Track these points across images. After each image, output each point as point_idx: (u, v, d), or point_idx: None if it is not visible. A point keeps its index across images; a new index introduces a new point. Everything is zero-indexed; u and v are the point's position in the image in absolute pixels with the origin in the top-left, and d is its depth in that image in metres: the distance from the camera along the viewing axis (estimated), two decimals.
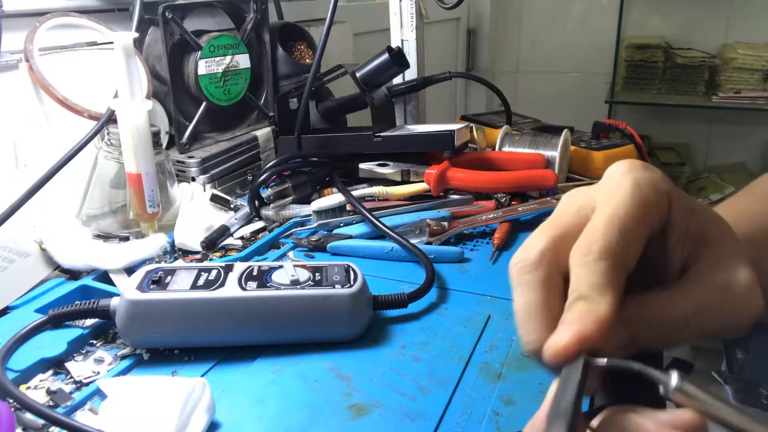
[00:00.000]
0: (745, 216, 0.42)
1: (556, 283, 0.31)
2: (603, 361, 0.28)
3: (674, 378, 0.26)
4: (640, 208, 0.30)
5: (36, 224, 0.63)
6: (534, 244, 0.32)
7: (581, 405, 0.27)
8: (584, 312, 0.28)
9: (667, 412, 0.27)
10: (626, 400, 0.29)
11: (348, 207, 0.75)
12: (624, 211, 0.30)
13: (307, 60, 1.02)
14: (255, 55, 0.93)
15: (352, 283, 0.51)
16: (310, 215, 0.76)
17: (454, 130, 0.80)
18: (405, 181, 0.81)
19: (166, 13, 0.79)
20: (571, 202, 0.33)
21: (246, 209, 0.76)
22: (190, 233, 0.69)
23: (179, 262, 0.66)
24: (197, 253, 0.68)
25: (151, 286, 0.49)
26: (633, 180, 0.31)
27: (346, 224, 0.73)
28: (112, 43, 0.61)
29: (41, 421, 0.42)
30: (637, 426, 0.27)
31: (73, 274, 0.61)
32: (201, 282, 0.50)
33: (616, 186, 0.31)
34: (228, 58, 0.87)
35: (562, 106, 2.50)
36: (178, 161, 0.82)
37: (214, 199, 0.77)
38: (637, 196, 0.30)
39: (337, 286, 0.51)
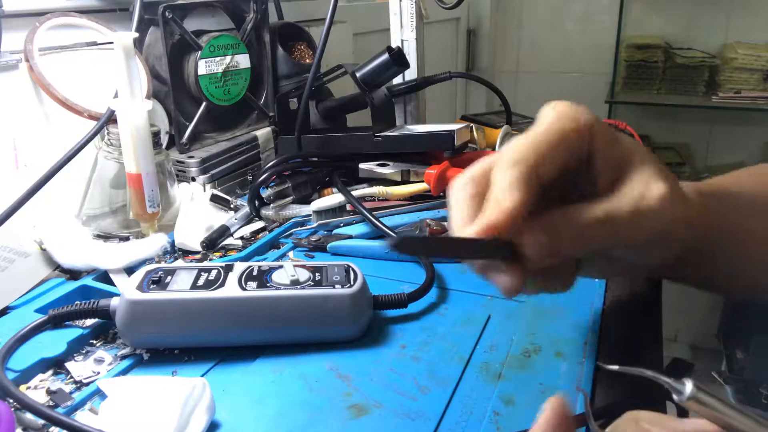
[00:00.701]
0: (733, 179, 0.50)
1: (481, 200, 0.36)
2: (615, 367, 0.29)
3: (689, 386, 0.26)
4: (555, 133, 0.36)
5: (36, 224, 0.63)
6: (466, 170, 0.38)
7: (461, 250, 0.36)
8: (492, 207, 0.34)
9: (686, 422, 0.27)
10: (628, 402, 0.29)
11: (348, 207, 0.75)
12: (539, 133, 0.36)
13: (307, 60, 1.02)
14: (255, 55, 0.93)
15: (352, 283, 0.51)
16: (310, 215, 0.76)
17: (454, 130, 0.80)
18: (405, 181, 0.81)
19: (166, 13, 0.79)
20: (507, 144, 0.39)
21: (246, 209, 0.76)
22: (190, 233, 0.69)
23: (179, 262, 0.66)
24: (197, 253, 0.68)
25: (151, 286, 0.49)
26: (555, 113, 0.37)
27: (346, 224, 0.73)
28: (112, 43, 0.61)
29: (41, 421, 0.42)
30: None
31: (73, 274, 0.61)
32: (201, 282, 0.50)
33: (540, 119, 0.37)
34: (228, 58, 0.87)
35: None
36: (178, 161, 0.82)
37: (214, 199, 0.77)
38: (554, 123, 0.36)
39: (337, 286, 0.51)
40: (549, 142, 0.35)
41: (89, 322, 0.52)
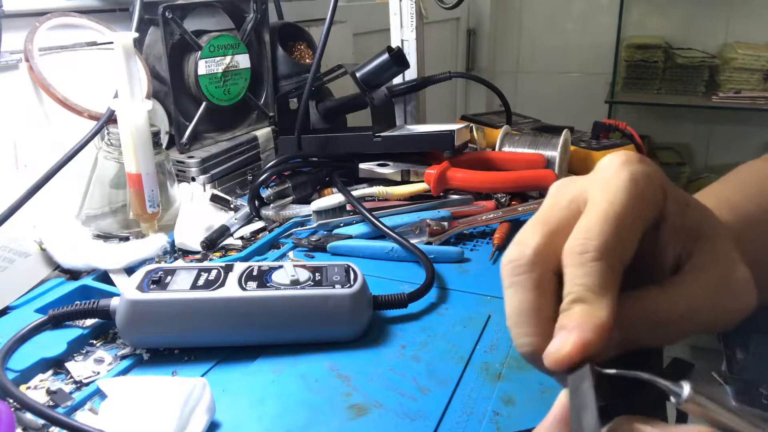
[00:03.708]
0: (728, 204, 0.41)
1: (549, 283, 0.30)
2: (612, 371, 0.28)
3: (686, 389, 0.26)
4: (636, 204, 0.29)
5: (36, 224, 0.63)
6: (527, 241, 0.30)
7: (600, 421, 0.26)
8: (584, 317, 0.27)
9: (680, 427, 0.27)
10: (626, 405, 0.29)
11: (348, 207, 0.75)
12: (620, 206, 0.29)
13: (307, 60, 1.02)
14: (255, 55, 0.93)
15: (352, 283, 0.51)
16: (310, 215, 0.76)
17: (454, 130, 0.80)
18: (405, 181, 0.81)
19: (166, 13, 0.79)
20: (561, 194, 0.32)
21: (246, 209, 0.76)
22: (190, 233, 0.69)
23: (179, 262, 0.66)
24: (197, 253, 0.68)
25: (151, 286, 0.49)
26: (629, 173, 0.29)
27: (346, 224, 0.73)
28: (112, 43, 0.61)
29: (41, 421, 0.42)
30: None
31: (73, 274, 0.61)
32: (201, 282, 0.50)
33: (611, 179, 0.30)
34: (228, 58, 0.87)
35: (562, 106, 2.50)
36: (178, 161, 0.82)
37: (214, 199, 0.77)
38: (633, 190, 0.29)
39: (337, 286, 0.51)
40: (631, 215, 0.29)
41: (89, 322, 0.52)
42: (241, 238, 0.72)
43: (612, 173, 0.30)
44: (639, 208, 0.29)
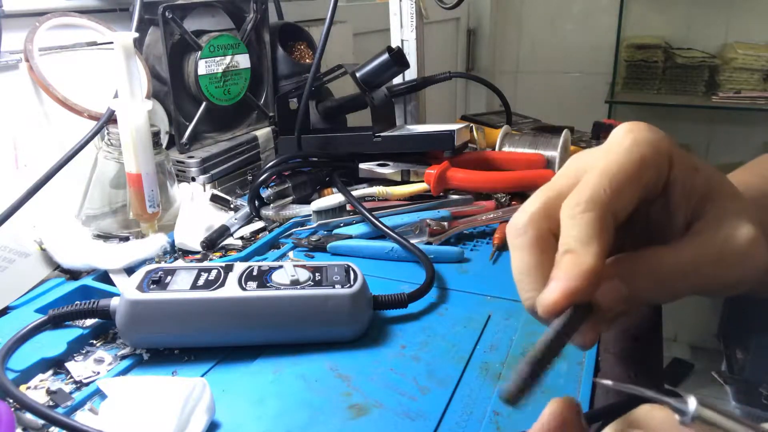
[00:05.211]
0: (745, 187, 0.42)
1: (548, 243, 0.32)
2: (608, 382, 0.29)
3: (692, 404, 0.25)
4: (634, 164, 0.31)
5: (36, 224, 0.63)
6: (526, 207, 0.33)
7: (555, 351, 0.29)
8: (570, 265, 0.29)
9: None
10: (626, 404, 0.29)
11: (348, 207, 0.75)
12: (616, 166, 0.31)
13: (307, 60, 1.02)
14: (255, 55, 0.93)
15: (352, 283, 0.51)
16: (310, 215, 0.76)
17: (454, 130, 0.80)
18: (405, 181, 0.81)
19: (166, 13, 0.79)
20: (570, 164, 0.34)
21: (246, 209, 0.76)
22: (190, 233, 0.69)
23: (179, 262, 0.66)
24: (197, 253, 0.68)
25: (151, 286, 0.49)
26: (632, 139, 0.32)
27: (346, 224, 0.73)
28: (112, 43, 0.61)
29: (41, 421, 0.42)
30: None
31: (73, 274, 0.61)
32: (201, 282, 0.50)
33: (615, 144, 0.32)
34: (228, 58, 0.87)
35: (562, 106, 2.50)
36: (178, 161, 0.82)
37: (214, 199, 0.77)
38: (633, 152, 0.31)
39: (337, 286, 0.51)
40: (627, 175, 0.30)
41: (89, 322, 0.52)
42: (241, 238, 0.72)
43: (616, 140, 0.32)
44: (636, 169, 0.31)
